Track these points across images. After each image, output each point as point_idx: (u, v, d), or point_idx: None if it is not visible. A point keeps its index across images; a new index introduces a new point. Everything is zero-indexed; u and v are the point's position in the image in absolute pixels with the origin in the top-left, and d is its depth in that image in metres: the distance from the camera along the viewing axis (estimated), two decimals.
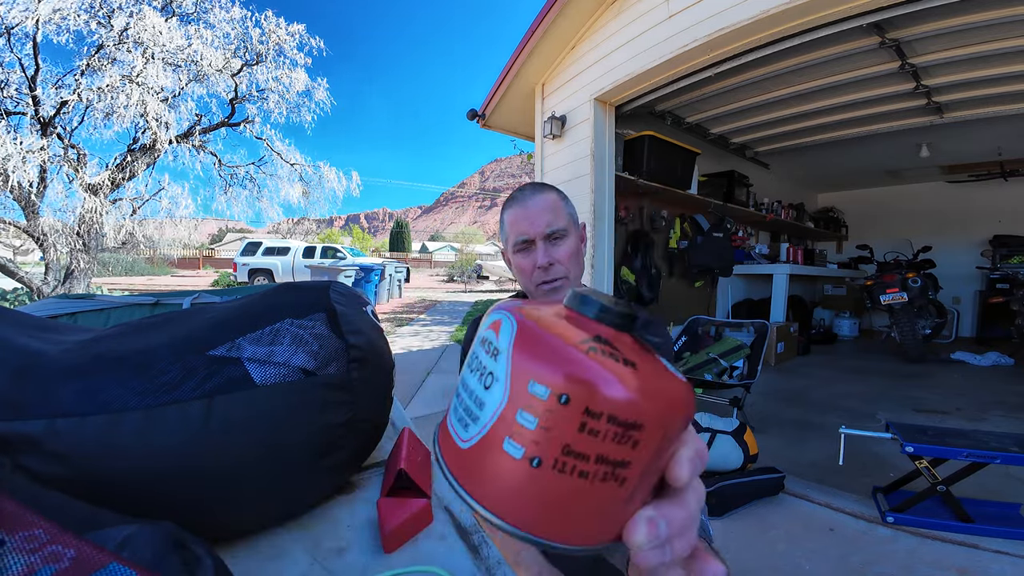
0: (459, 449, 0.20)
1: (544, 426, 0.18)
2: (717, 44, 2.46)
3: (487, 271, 20.39)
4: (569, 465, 0.18)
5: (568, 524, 0.19)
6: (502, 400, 0.19)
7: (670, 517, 0.20)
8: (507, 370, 0.19)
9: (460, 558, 0.47)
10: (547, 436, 0.18)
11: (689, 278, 4.58)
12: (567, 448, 0.18)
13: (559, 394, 0.17)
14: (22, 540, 0.24)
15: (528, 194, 0.88)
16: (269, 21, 6.77)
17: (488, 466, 0.19)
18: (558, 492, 0.18)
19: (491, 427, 0.19)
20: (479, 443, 0.19)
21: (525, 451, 0.18)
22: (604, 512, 0.19)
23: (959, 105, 3.78)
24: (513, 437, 0.18)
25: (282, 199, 7.87)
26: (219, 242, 38.41)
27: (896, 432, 1.68)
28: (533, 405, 0.18)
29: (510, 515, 0.19)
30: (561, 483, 0.18)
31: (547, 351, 0.18)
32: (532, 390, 0.18)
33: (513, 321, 0.20)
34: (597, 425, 0.17)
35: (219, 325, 0.50)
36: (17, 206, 5.58)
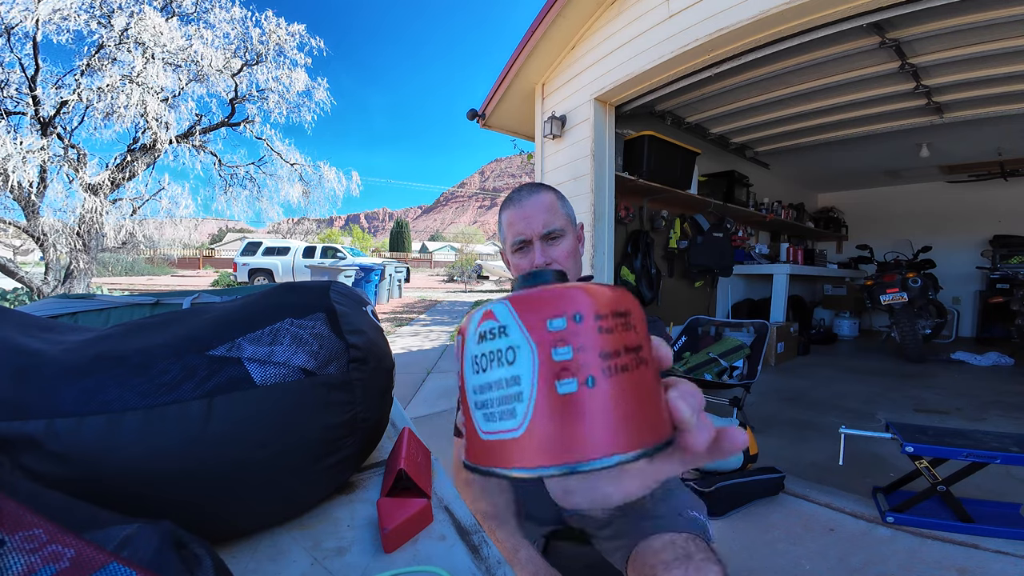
0: (516, 440, 0.20)
1: (577, 347, 0.20)
2: (717, 44, 2.46)
3: (487, 271, 20.39)
4: (611, 366, 0.20)
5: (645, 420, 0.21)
6: (533, 356, 0.20)
7: (685, 389, 0.23)
8: (523, 331, 0.21)
9: (460, 558, 0.47)
10: (584, 354, 0.20)
11: (689, 278, 4.58)
12: (602, 352, 0.20)
13: (571, 316, 0.20)
14: (22, 540, 0.24)
15: (525, 195, 0.88)
16: (269, 21, 6.77)
17: (555, 422, 0.20)
18: (619, 394, 0.20)
19: (538, 385, 0.20)
20: (535, 410, 0.20)
21: (577, 378, 0.20)
22: (653, 396, 0.22)
23: (959, 105, 3.78)
24: (561, 375, 0.20)
25: (282, 199, 7.88)
26: (219, 242, 38.41)
27: (896, 432, 1.68)
28: (560, 337, 0.20)
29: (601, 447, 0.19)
30: (616, 385, 0.20)
31: (544, 298, 0.21)
32: (552, 327, 0.20)
33: (502, 301, 0.22)
34: (608, 323, 0.21)
35: (219, 325, 0.50)
36: (17, 206, 5.58)
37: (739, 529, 1.71)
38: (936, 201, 6.43)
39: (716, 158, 4.88)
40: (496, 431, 0.21)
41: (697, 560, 0.67)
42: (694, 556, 0.68)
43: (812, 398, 3.34)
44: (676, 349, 3.15)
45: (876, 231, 6.80)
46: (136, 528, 0.28)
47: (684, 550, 0.70)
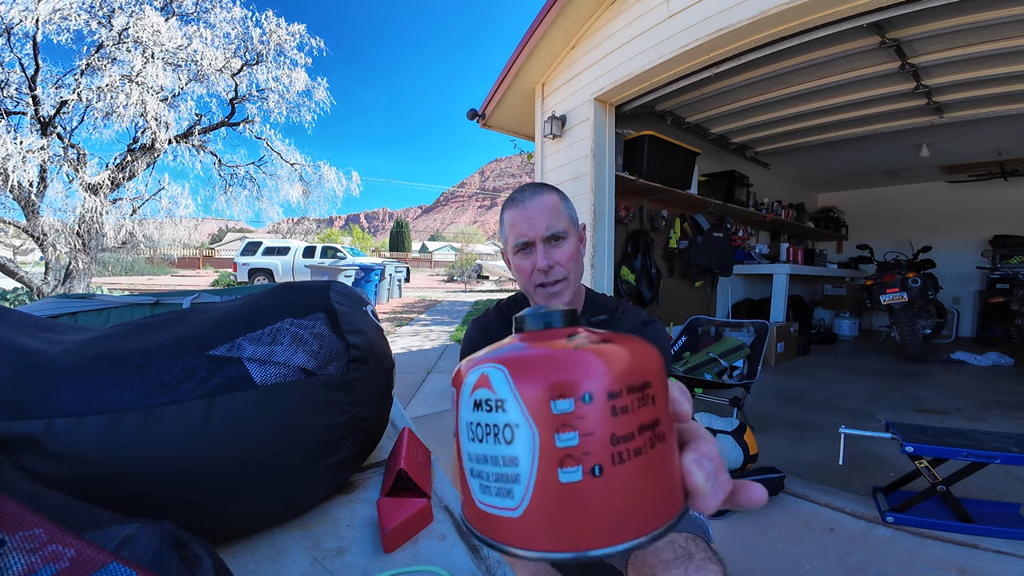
0: (516, 520, 0.19)
1: (585, 433, 0.18)
2: (717, 44, 2.46)
3: (487, 271, 20.39)
4: (624, 452, 0.18)
5: (655, 503, 0.19)
6: (534, 439, 0.18)
7: (703, 451, 0.21)
8: (523, 409, 0.18)
9: (460, 558, 0.47)
10: (592, 440, 0.18)
11: (689, 278, 4.57)
12: (613, 437, 0.18)
13: (581, 395, 0.18)
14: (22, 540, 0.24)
15: (528, 195, 0.87)
16: (269, 21, 6.77)
17: (558, 509, 0.18)
18: (630, 482, 0.18)
19: (538, 472, 0.18)
20: (534, 496, 0.18)
21: (582, 467, 0.18)
22: (669, 472, 0.20)
23: (959, 105, 3.77)
24: (564, 464, 0.18)
25: (282, 199, 7.88)
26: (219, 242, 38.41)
27: (896, 432, 1.68)
28: (566, 422, 0.18)
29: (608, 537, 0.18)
30: (628, 472, 0.18)
31: (547, 368, 0.19)
32: (557, 409, 0.18)
33: (498, 367, 0.20)
34: (622, 402, 0.18)
35: (219, 325, 0.50)
36: (17, 206, 5.58)
37: (739, 529, 1.71)
38: (936, 201, 6.43)
39: (716, 158, 4.88)
40: (493, 506, 0.20)
41: (697, 559, 0.67)
42: (694, 556, 0.68)
43: (812, 398, 3.34)
44: (676, 349, 3.15)
45: (876, 231, 6.80)
46: (136, 528, 0.28)
47: (684, 550, 0.70)
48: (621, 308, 0.95)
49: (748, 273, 5.05)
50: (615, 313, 0.93)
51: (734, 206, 4.64)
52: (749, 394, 2.64)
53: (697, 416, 2.14)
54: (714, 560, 0.68)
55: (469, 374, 0.21)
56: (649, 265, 3.98)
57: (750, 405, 2.81)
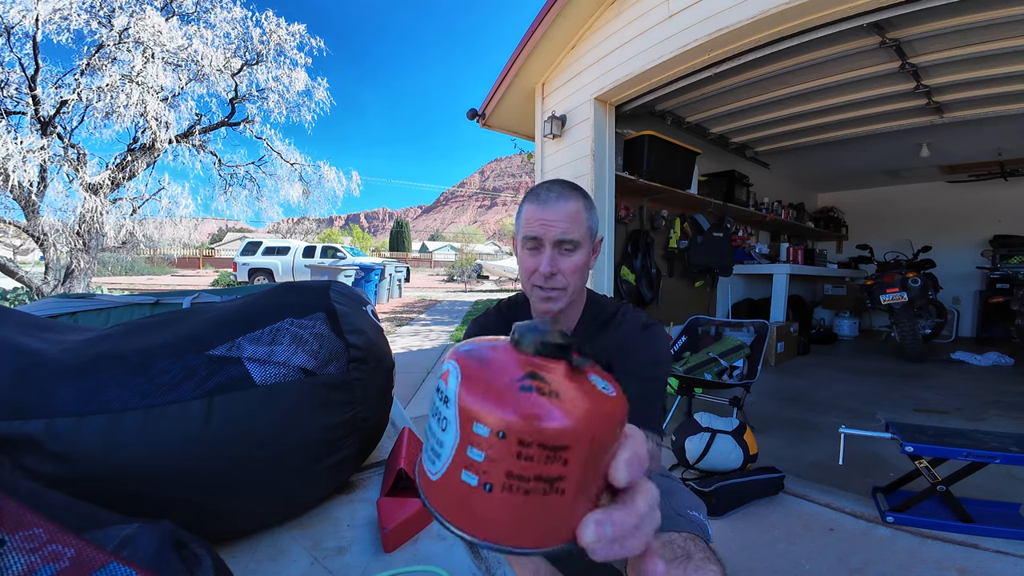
0: (430, 480, 0.24)
1: (490, 458, 0.21)
2: (717, 44, 2.46)
3: (487, 271, 20.38)
4: (514, 486, 0.21)
5: (524, 532, 0.22)
6: (455, 440, 0.22)
7: (615, 520, 0.23)
8: (456, 415, 0.22)
9: (460, 558, 0.47)
10: (493, 466, 0.21)
11: (689, 278, 4.57)
12: (510, 473, 0.21)
13: (497, 431, 0.21)
14: (22, 540, 0.24)
15: (553, 195, 0.83)
16: (269, 21, 6.77)
17: (453, 492, 0.23)
18: (510, 508, 0.22)
19: (450, 463, 0.22)
20: (443, 475, 0.23)
21: (479, 479, 0.22)
22: (552, 519, 0.22)
23: (959, 105, 3.77)
24: (468, 469, 0.22)
25: (282, 199, 7.88)
26: (219, 242, 38.39)
27: (896, 432, 1.68)
28: (479, 442, 0.21)
29: (476, 531, 0.22)
30: (511, 501, 0.21)
31: (485, 396, 0.22)
32: (476, 430, 0.22)
33: (458, 370, 0.24)
34: (530, 452, 0.21)
35: (219, 325, 0.50)
36: (17, 206, 5.58)
37: (739, 529, 1.71)
38: (936, 201, 6.43)
39: (716, 158, 4.88)
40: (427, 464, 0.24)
41: (696, 560, 0.67)
42: (693, 556, 0.68)
43: (812, 398, 3.34)
44: (676, 349, 3.15)
45: (876, 231, 6.80)
46: (136, 528, 0.28)
47: (683, 550, 0.70)
48: (622, 311, 0.93)
49: (748, 273, 5.05)
50: (615, 316, 0.92)
51: (734, 206, 4.64)
52: (749, 394, 2.64)
53: (697, 416, 2.14)
54: (713, 560, 0.68)
55: (447, 361, 0.25)
56: (649, 265, 3.98)
57: (750, 405, 2.81)
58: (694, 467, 2.05)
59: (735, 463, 2.00)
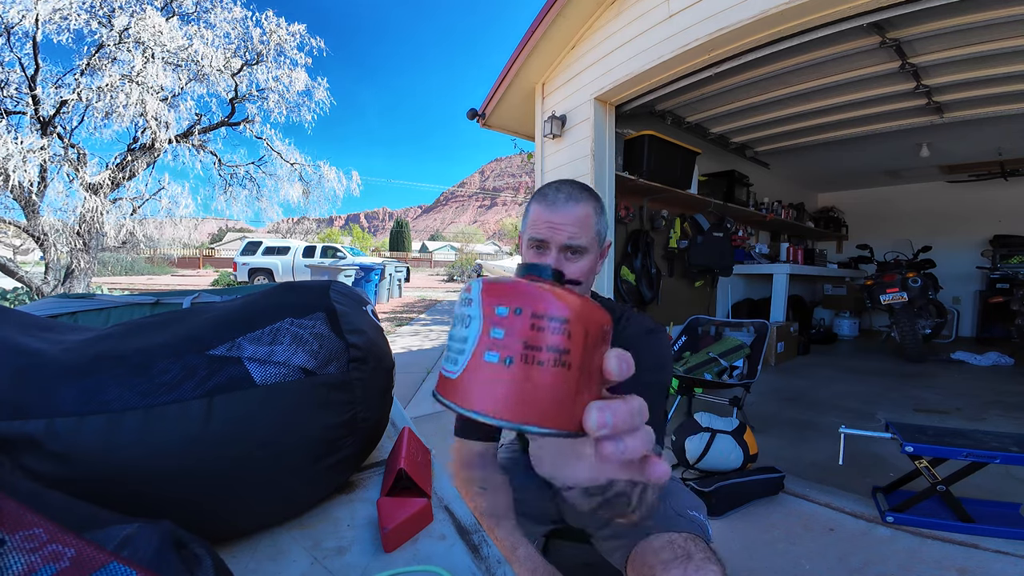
0: (451, 380, 0.26)
1: (509, 332, 0.25)
2: (717, 44, 2.46)
3: (487, 271, 20.37)
4: (530, 356, 0.24)
5: (541, 407, 0.24)
6: (479, 327, 0.26)
7: (614, 408, 0.26)
8: (480, 306, 0.26)
9: (460, 558, 0.47)
10: (512, 339, 0.25)
11: (689, 278, 4.57)
12: (526, 343, 0.24)
13: (514, 308, 0.25)
14: (22, 540, 0.24)
15: (562, 197, 0.81)
16: (269, 21, 6.76)
17: (475, 380, 0.25)
18: (527, 379, 0.24)
19: (475, 349, 0.25)
20: (467, 366, 0.25)
21: (500, 355, 0.25)
22: (563, 395, 0.25)
23: (959, 105, 3.77)
24: (491, 348, 0.25)
25: (282, 199, 7.87)
26: (219, 241, 38.40)
27: (896, 432, 1.68)
28: (500, 322, 0.25)
29: (499, 410, 0.24)
30: (527, 372, 0.24)
31: (503, 288, 0.26)
32: (498, 312, 0.25)
33: (479, 280, 0.28)
34: (541, 323, 0.25)
35: (219, 325, 0.50)
36: (17, 206, 5.58)
37: (739, 529, 1.71)
38: (936, 201, 6.43)
39: (716, 158, 4.88)
40: (447, 370, 0.27)
41: (697, 559, 0.67)
42: (694, 556, 0.68)
43: (812, 398, 3.34)
44: (676, 349, 3.15)
45: (876, 231, 6.80)
46: (136, 528, 0.28)
47: (684, 550, 0.70)
48: (626, 315, 0.92)
49: (748, 273, 5.05)
50: (620, 320, 0.91)
51: (734, 206, 4.64)
52: (749, 394, 2.64)
53: (697, 416, 2.14)
54: (713, 560, 0.68)
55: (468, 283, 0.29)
56: (649, 265, 3.98)
57: (750, 405, 2.82)
58: (694, 467, 2.05)
59: (735, 463, 2.00)
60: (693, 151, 3.92)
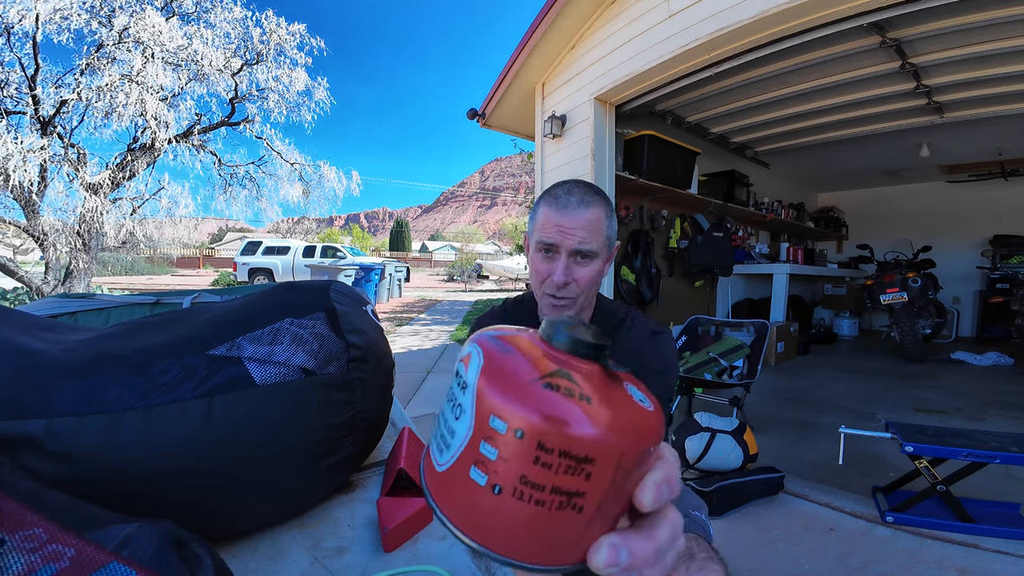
0: (435, 471, 0.22)
1: (503, 457, 0.19)
2: (717, 44, 2.46)
3: (487, 271, 20.37)
4: (526, 494, 0.19)
5: (530, 546, 0.20)
6: (468, 431, 0.20)
7: (633, 547, 0.21)
8: (472, 404, 0.20)
9: (460, 558, 0.47)
10: (506, 467, 0.19)
11: (689, 278, 4.57)
12: (523, 478, 0.19)
13: (515, 429, 0.19)
14: (22, 539, 0.24)
15: (574, 200, 0.78)
16: (269, 21, 6.77)
17: (458, 489, 0.20)
18: (518, 517, 0.19)
19: (460, 455, 0.20)
20: (451, 468, 0.21)
21: (488, 479, 0.19)
22: (563, 537, 0.20)
23: (959, 105, 3.77)
24: (477, 466, 0.20)
25: (282, 199, 7.87)
26: (219, 241, 38.39)
27: (896, 432, 1.68)
28: (494, 438, 0.19)
29: (477, 535, 0.20)
30: (520, 509, 0.19)
31: (506, 388, 0.20)
32: (492, 424, 0.19)
33: (480, 356, 0.21)
34: (550, 459, 0.19)
35: (219, 325, 0.50)
36: (17, 205, 5.58)
37: (739, 529, 1.71)
38: (936, 201, 6.43)
39: (716, 158, 4.88)
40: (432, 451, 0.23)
41: (699, 559, 0.67)
42: (696, 556, 0.68)
43: (812, 398, 3.34)
44: (676, 349, 3.15)
45: (876, 231, 6.80)
46: (136, 527, 0.28)
47: (686, 550, 0.70)
48: (631, 316, 0.91)
49: (748, 273, 5.05)
50: (624, 321, 0.90)
51: (734, 206, 4.64)
52: (749, 394, 2.64)
53: (697, 416, 2.14)
54: (716, 560, 0.68)
55: (468, 343, 0.23)
56: (649, 265, 3.98)
57: (750, 405, 2.81)
58: (694, 467, 2.05)
59: (735, 463, 2.00)
60: (693, 151, 3.92)
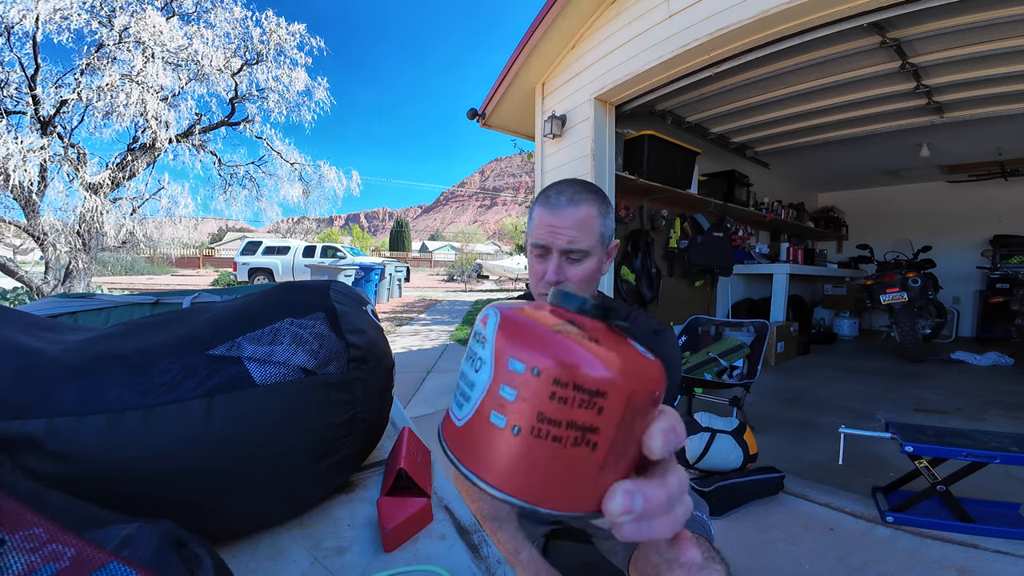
0: (455, 427, 0.23)
1: (521, 397, 0.20)
2: (717, 44, 2.46)
3: (487, 270, 20.37)
4: (544, 431, 0.20)
5: (549, 488, 0.21)
6: (488, 379, 0.22)
7: (647, 493, 0.22)
8: (492, 353, 0.22)
9: (460, 557, 0.47)
10: (524, 405, 0.20)
11: (689, 278, 4.57)
12: (541, 415, 0.20)
13: (531, 367, 0.20)
14: (22, 539, 0.24)
15: (564, 200, 0.79)
16: (269, 21, 6.77)
17: (479, 438, 0.21)
18: (537, 456, 0.20)
19: (480, 403, 0.22)
20: (471, 419, 0.22)
21: (507, 420, 0.20)
22: (580, 477, 0.21)
23: (959, 105, 3.77)
24: (498, 409, 0.21)
25: (282, 198, 7.88)
26: (219, 241, 38.40)
27: (896, 432, 1.68)
28: (512, 380, 0.21)
29: (501, 482, 0.21)
30: (539, 448, 0.20)
31: (523, 334, 0.21)
32: (511, 367, 0.21)
33: (498, 314, 0.23)
34: (565, 393, 0.20)
35: (219, 324, 0.50)
36: (17, 205, 5.58)
37: (739, 529, 1.71)
38: (936, 201, 6.43)
39: (716, 158, 4.88)
40: (454, 412, 0.24)
41: (681, 543, 0.67)
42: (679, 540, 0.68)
43: (812, 398, 3.34)
44: (678, 347, 3.15)
45: (876, 231, 6.80)
46: (136, 527, 0.28)
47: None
48: (632, 315, 0.91)
49: (748, 273, 5.05)
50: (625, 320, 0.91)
51: (734, 206, 4.64)
52: (749, 394, 2.64)
53: (697, 416, 2.14)
54: (717, 560, 0.68)
55: (485, 310, 0.25)
56: (649, 265, 3.98)
57: (750, 405, 2.81)
58: (694, 467, 2.05)
59: (735, 463, 2.00)
60: (693, 151, 3.92)
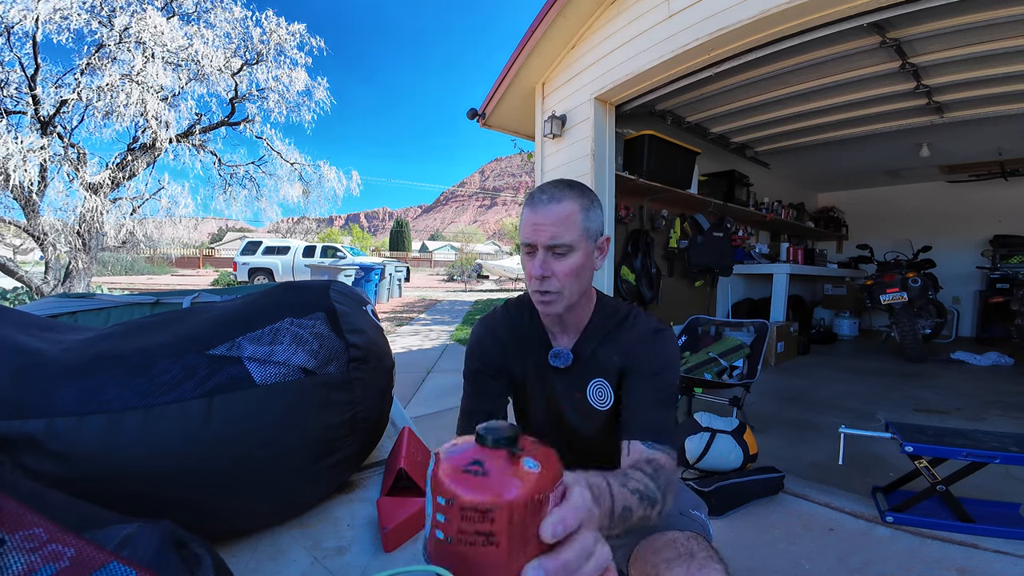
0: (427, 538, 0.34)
1: (447, 518, 0.31)
2: (717, 44, 2.46)
3: (487, 270, 20.36)
4: (463, 539, 0.31)
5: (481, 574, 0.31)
6: (430, 509, 0.33)
7: (546, 566, 0.32)
8: (430, 489, 0.33)
9: None
10: (448, 524, 0.31)
11: (689, 278, 4.57)
12: (458, 529, 0.31)
13: (448, 499, 0.31)
14: (22, 539, 0.23)
15: (545, 199, 0.82)
16: (270, 21, 6.76)
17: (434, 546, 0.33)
18: (464, 554, 0.31)
19: (431, 524, 0.33)
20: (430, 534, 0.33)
21: (443, 534, 0.32)
22: (496, 564, 0.31)
23: (959, 105, 3.77)
24: (438, 527, 0.32)
25: (282, 198, 7.88)
26: (219, 241, 38.38)
27: (895, 432, 1.68)
28: (440, 508, 0.32)
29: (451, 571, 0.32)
30: (462, 549, 0.31)
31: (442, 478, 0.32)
32: (440, 500, 0.32)
33: (434, 458, 0.34)
34: (468, 514, 0.31)
35: (219, 324, 0.50)
36: (17, 205, 5.58)
37: (739, 529, 1.71)
38: (936, 201, 6.42)
39: (716, 158, 4.88)
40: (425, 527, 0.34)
41: (700, 558, 0.67)
42: (696, 554, 0.68)
43: (812, 398, 3.34)
44: (678, 346, 3.14)
45: (876, 231, 6.79)
46: (136, 527, 0.28)
47: (686, 548, 0.70)
48: (633, 314, 0.92)
49: (748, 273, 5.04)
50: (627, 319, 0.91)
51: (734, 206, 4.63)
52: (749, 394, 2.64)
53: (697, 416, 2.14)
54: (716, 559, 0.68)
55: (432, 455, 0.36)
56: (649, 265, 3.98)
57: (750, 405, 2.81)
58: (694, 467, 2.05)
59: (735, 463, 1.99)
60: (693, 151, 3.92)
